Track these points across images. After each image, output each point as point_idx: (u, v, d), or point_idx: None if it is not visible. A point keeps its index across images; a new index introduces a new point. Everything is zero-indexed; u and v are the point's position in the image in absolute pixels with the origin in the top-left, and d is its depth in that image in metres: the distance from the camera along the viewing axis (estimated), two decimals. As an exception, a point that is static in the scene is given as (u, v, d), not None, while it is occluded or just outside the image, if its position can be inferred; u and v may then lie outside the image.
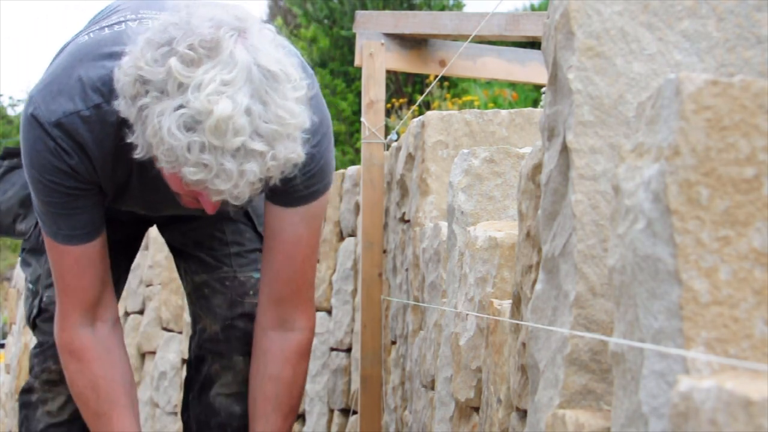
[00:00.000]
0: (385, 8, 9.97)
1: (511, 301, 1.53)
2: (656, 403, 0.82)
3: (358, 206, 3.84)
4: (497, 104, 8.62)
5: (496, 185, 2.22)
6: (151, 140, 1.67)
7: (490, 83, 9.23)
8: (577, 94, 1.13)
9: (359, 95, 4.80)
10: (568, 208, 1.15)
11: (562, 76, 1.17)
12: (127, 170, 1.94)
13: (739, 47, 1.14)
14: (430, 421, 2.33)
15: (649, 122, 0.89)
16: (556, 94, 1.20)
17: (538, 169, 1.34)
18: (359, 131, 4.89)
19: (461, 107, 7.27)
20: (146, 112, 1.67)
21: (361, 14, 3.74)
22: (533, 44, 5.37)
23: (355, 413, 3.66)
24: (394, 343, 3.16)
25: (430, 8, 10.12)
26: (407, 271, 2.85)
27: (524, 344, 1.35)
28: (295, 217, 2.09)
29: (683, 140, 0.82)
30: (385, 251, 3.35)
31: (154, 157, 1.70)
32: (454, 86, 9.51)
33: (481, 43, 3.99)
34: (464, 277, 1.92)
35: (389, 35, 3.70)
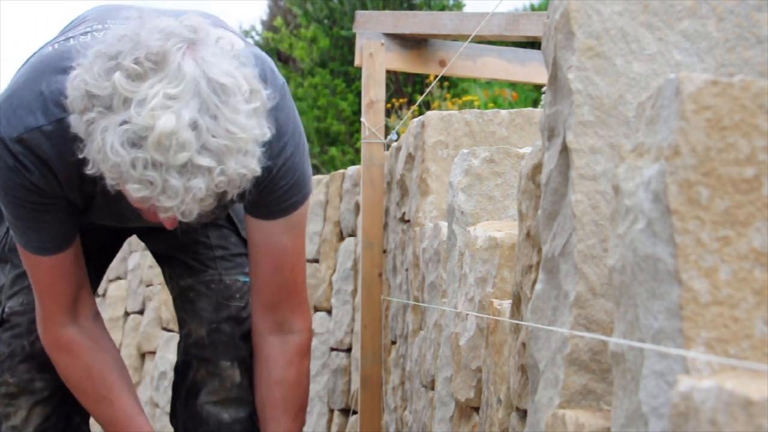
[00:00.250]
0: (385, 8, 9.97)
1: (511, 301, 1.53)
2: (656, 403, 0.82)
3: (358, 206, 3.84)
4: (497, 104, 8.62)
5: (496, 185, 2.22)
6: (96, 156, 1.63)
7: (490, 83, 9.23)
8: (577, 94, 1.13)
9: (359, 95, 4.80)
10: (568, 208, 1.15)
11: (562, 76, 1.17)
12: (92, 183, 1.87)
13: (739, 47, 1.14)
14: (430, 421, 2.33)
15: (649, 122, 0.89)
16: (556, 94, 1.20)
17: (538, 169, 1.34)
18: (359, 131, 4.89)
19: (461, 107, 7.26)
20: (92, 127, 1.63)
21: (361, 14, 3.74)
22: (533, 44, 5.37)
23: (355, 413, 3.66)
24: (394, 343, 3.16)
25: (430, 8, 10.11)
26: (407, 271, 2.85)
27: (524, 344, 1.35)
28: (276, 228, 2.08)
29: (683, 140, 0.82)
30: (385, 251, 3.35)
31: (101, 173, 1.65)
32: (454, 86, 9.50)
33: (481, 43, 3.99)
34: (464, 277, 1.92)
35: (389, 35, 3.70)
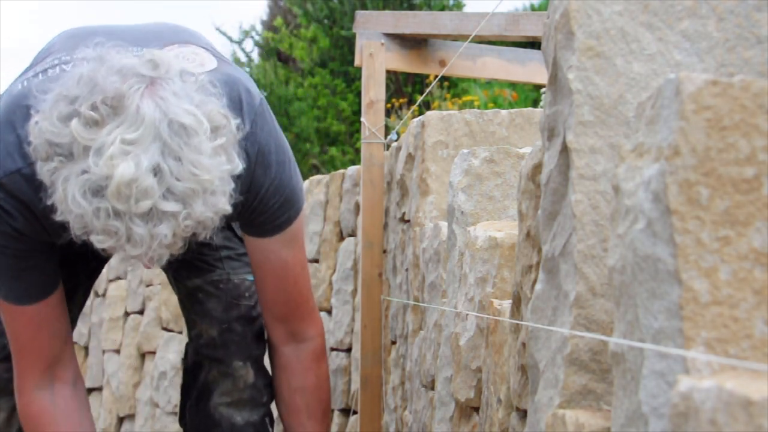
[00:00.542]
0: (385, 8, 9.96)
1: (511, 301, 1.53)
2: (656, 403, 0.82)
3: (358, 206, 3.84)
4: (497, 104, 8.62)
5: (496, 185, 2.22)
6: (60, 206, 1.58)
7: (490, 83, 9.23)
8: (577, 94, 1.13)
9: (359, 95, 4.80)
10: (568, 208, 1.15)
11: (562, 76, 1.17)
12: None
13: (739, 47, 1.14)
14: (430, 421, 2.33)
15: (649, 122, 0.89)
16: (556, 94, 1.20)
17: (538, 169, 1.34)
18: (359, 131, 4.89)
19: (461, 107, 7.26)
20: (54, 176, 1.57)
21: (361, 14, 3.74)
22: (533, 44, 5.37)
23: (355, 413, 3.66)
24: (394, 343, 3.16)
25: (430, 8, 10.11)
26: (407, 271, 2.85)
27: (524, 344, 1.35)
28: (275, 245, 2.07)
29: (683, 140, 0.82)
30: (385, 251, 3.35)
31: (67, 222, 1.59)
32: (454, 86, 9.50)
33: (481, 43, 3.99)
34: (464, 277, 1.92)
35: (389, 35, 3.69)
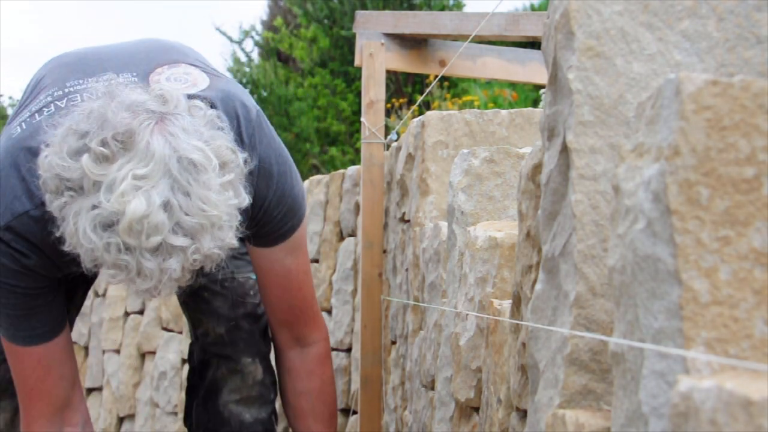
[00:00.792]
0: (385, 8, 9.96)
1: (511, 301, 1.53)
2: (656, 403, 0.82)
3: (358, 206, 3.84)
4: (497, 104, 8.61)
5: (496, 185, 2.22)
6: (71, 240, 1.59)
7: (490, 83, 9.23)
8: (577, 94, 1.13)
9: (359, 95, 4.79)
10: (568, 208, 1.15)
11: (562, 76, 1.17)
12: None
13: (739, 47, 1.14)
14: (430, 421, 2.33)
15: (649, 122, 0.89)
16: (556, 94, 1.20)
17: (538, 169, 1.34)
18: (359, 131, 4.89)
19: (461, 107, 7.26)
20: (65, 211, 1.59)
21: (361, 14, 3.74)
22: (533, 44, 5.37)
23: (355, 413, 3.66)
24: (394, 343, 3.16)
25: (430, 8, 10.11)
26: (407, 271, 2.85)
27: (524, 344, 1.35)
28: (278, 253, 2.10)
29: (683, 140, 0.82)
30: (385, 251, 3.35)
31: (78, 255, 1.61)
32: (454, 86, 9.50)
33: (481, 43, 3.99)
34: (464, 277, 1.92)
35: (389, 35, 3.69)
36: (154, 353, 5.30)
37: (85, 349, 5.91)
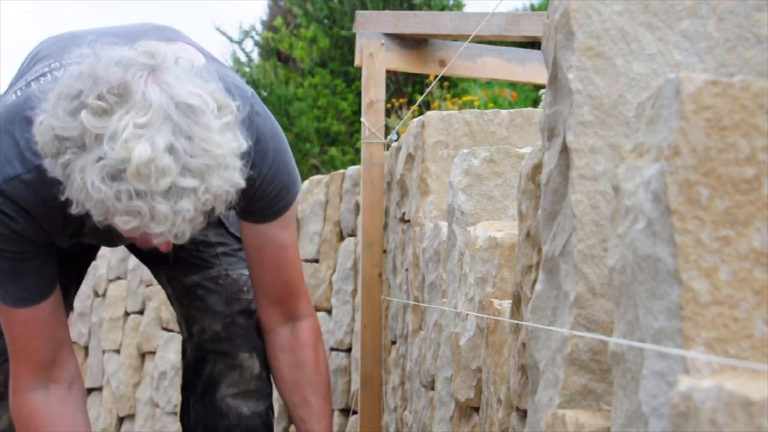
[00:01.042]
0: (385, 8, 9.96)
1: (511, 301, 1.53)
2: (656, 403, 0.82)
3: (358, 206, 3.84)
4: (497, 104, 8.61)
5: (496, 185, 2.22)
6: (78, 196, 1.61)
7: (490, 83, 9.23)
8: (577, 94, 1.13)
9: (359, 95, 4.80)
10: (568, 208, 1.15)
11: (562, 76, 1.17)
12: (79, 220, 1.84)
13: (739, 47, 1.14)
14: (430, 421, 2.33)
15: (649, 122, 0.89)
16: (556, 94, 1.20)
17: (538, 169, 1.34)
18: (359, 131, 4.89)
19: (461, 107, 7.26)
20: (69, 169, 1.61)
21: (361, 14, 3.74)
22: (533, 44, 5.36)
23: (355, 413, 3.66)
24: (394, 343, 3.16)
25: (430, 8, 10.11)
26: (407, 271, 2.85)
27: (524, 344, 1.35)
28: (273, 230, 2.12)
29: (683, 140, 0.82)
30: (385, 251, 3.35)
31: (87, 212, 1.63)
32: (454, 86, 9.50)
33: (481, 43, 3.99)
34: (464, 277, 1.92)
35: (389, 35, 3.69)
36: (154, 353, 5.30)
37: (85, 349, 5.91)
